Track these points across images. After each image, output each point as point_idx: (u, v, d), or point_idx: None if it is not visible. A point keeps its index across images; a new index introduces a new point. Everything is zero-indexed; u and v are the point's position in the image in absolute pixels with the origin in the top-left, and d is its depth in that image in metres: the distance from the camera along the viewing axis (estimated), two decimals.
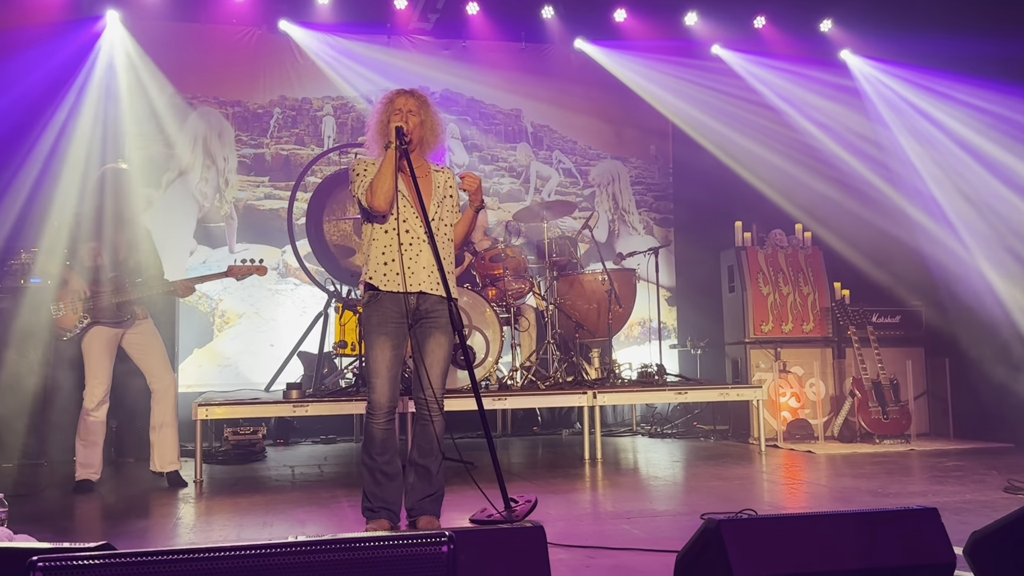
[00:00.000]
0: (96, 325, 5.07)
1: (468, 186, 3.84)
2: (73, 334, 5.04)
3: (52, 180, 7.29)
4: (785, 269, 7.44)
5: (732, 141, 8.68)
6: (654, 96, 9.15)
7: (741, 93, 8.86)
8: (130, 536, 4.00)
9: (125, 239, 5.18)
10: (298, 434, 7.74)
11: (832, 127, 8.49)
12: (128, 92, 7.99)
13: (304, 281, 8.23)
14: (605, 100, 9.20)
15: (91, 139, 7.53)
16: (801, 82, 8.71)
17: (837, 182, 8.15)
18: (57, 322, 5.05)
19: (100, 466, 5.19)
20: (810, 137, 8.50)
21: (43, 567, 1.46)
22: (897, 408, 6.80)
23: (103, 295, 5.06)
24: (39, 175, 7.29)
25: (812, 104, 8.62)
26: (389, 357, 3.70)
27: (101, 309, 5.06)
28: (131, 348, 5.21)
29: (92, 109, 7.66)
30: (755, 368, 7.20)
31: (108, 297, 5.06)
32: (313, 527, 4.04)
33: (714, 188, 8.72)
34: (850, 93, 8.58)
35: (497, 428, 7.99)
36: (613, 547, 3.41)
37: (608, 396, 6.30)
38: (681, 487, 5.08)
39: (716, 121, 8.82)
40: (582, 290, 7.02)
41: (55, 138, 7.42)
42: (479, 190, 3.86)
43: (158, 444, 5.26)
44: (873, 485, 4.87)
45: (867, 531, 2.20)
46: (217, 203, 8.28)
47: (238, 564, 1.60)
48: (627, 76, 9.05)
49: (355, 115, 8.51)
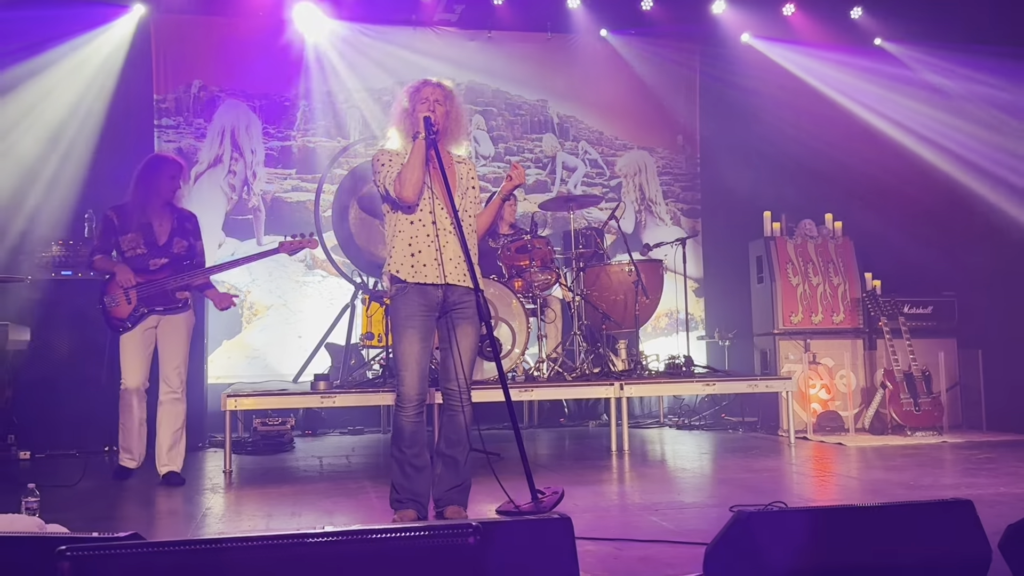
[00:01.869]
0: (151, 314, 5.03)
1: (519, 178, 3.86)
2: (131, 323, 4.99)
3: (81, 173, 7.36)
4: (815, 259, 7.35)
5: (761, 130, 8.60)
6: (680, 85, 9.08)
7: (770, 81, 8.76)
8: (160, 526, 4.04)
9: (169, 226, 5.13)
10: (326, 425, 7.78)
11: (864, 116, 8.38)
12: (158, 84, 8.06)
13: (331, 273, 8.26)
14: (631, 90, 9.13)
15: (122, 132, 7.60)
16: (831, 68, 8.60)
17: (868, 172, 8.05)
18: (112, 313, 5.01)
19: (140, 454, 5.15)
20: (840, 125, 8.39)
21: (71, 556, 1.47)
22: (929, 400, 6.71)
23: (153, 283, 5.02)
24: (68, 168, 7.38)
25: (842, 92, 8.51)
26: (418, 350, 3.70)
27: (151, 296, 5.03)
28: (161, 336, 5.12)
29: (122, 101, 7.72)
30: (784, 359, 7.13)
31: (159, 284, 5.03)
32: (341, 517, 4.05)
33: (742, 178, 8.64)
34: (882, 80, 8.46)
35: (524, 419, 7.98)
36: (641, 539, 3.39)
37: (635, 388, 6.27)
38: (709, 479, 5.05)
39: (744, 110, 8.73)
40: (609, 281, 6.98)
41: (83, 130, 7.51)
42: (517, 187, 3.90)
43: (158, 442, 5.10)
44: (905, 477, 4.81)
45: (900, 524, 2.16)
46: (245, 195, 8.33)
47: (265, 554, 1.60)
48: (653, 65, 8.99)
49: (380, 106, 8.50)
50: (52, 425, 6.14)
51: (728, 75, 8.82)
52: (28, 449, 6.12)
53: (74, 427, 6.19)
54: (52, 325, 6.15)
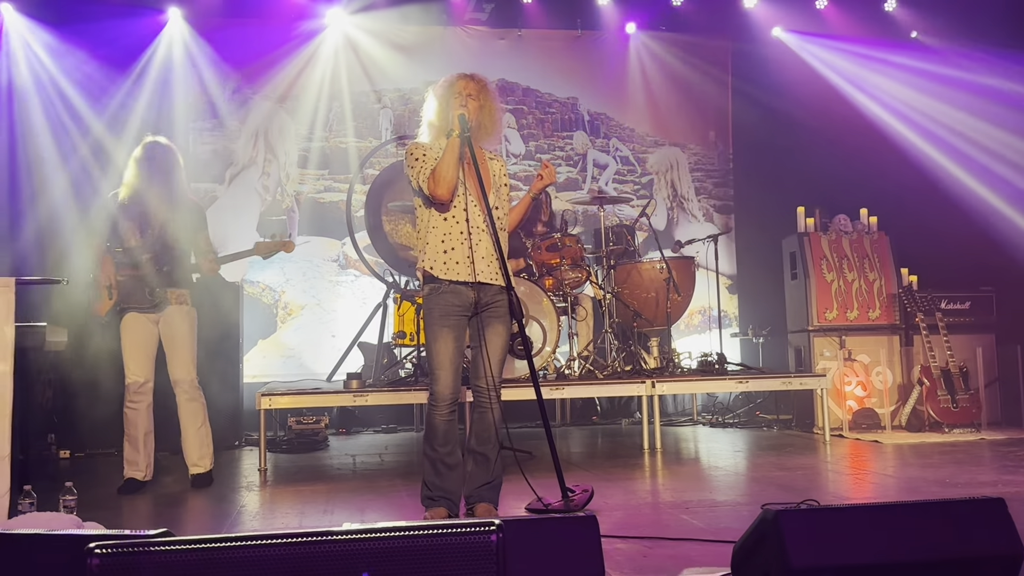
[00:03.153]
0: (129, 311, 4.81)
1: (549, 177, 3.87)
2: (107, 320, 4.82)
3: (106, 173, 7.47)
4: (850, 255, 7.27)
5: (794, 125, 8.52)
6: (712, 80, 9.02)
7: (802, 75, 8.68)
8: (194, 523, 4.10)
9: (163, 218, 4.84)
10: (359, 423, 7.84)
11: (899, 109, 8.28)
12: (188, 88, 8.15)
13: (363, 272, 8.31)
14: (662, 86, 9.08)
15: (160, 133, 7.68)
16: (865, 63, 8.50)
17: (904, 166, 7.94)
18: (94, 310, 4.84)
19: (148, 464, 4.91)
20: (874, 120, 8.29)
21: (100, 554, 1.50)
22: (967, 396, 6.61)
23: (133, 279, 4.80)
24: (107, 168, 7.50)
25: (876, 86, 8.41)
26: (452, 349, 3.72)
27: (130, 294, 4.80)
28: (161, 334, 4.91)
29: (157, 104, 7.83)
30: (819, 356, 7.06)
31: (138, 281, 4.79)
32: (373, 515, 4.09)
33: (775, 173, 8.57)
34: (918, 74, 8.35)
35: (556, 418, 7.99)
36: (671, 537, 3.38)
37: (667, 385, 6.24)
38: (742, 477, 5.02)
39: (777, 105, 8.65)
40: (640, 279, 6.96)
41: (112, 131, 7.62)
42: (547, 185, 3.90)
43: (183, 442, 5.00)
44: (941, 475, 4.74)
45: (931, 522, 2.14)
46: (279, 196, 8.41)
47: (289, 551, 1.62)
48: (684, 61, 8.94)
49: (411, 107, 8.55)
50: (91, 425, 6.22)
51: (760, 70, 8.75)
52: (67, 448, 6.23)
53: (112, 427, 6.22)
54: (90, 326, 6.24)
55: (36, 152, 7.39)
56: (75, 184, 7.32)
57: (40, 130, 7.47)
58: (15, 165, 7.29)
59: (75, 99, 7.57)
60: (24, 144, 7.38)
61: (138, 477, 4.87)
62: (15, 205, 7.17)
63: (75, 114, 7.56)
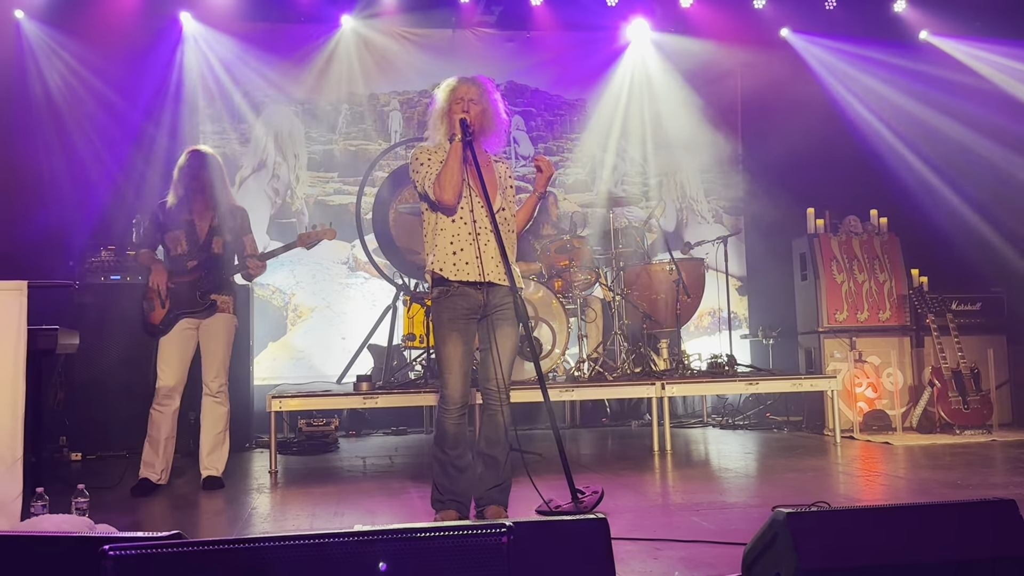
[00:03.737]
0: (182, 317, 4.94)
1: (548, 168, 3.81)
2: (163, 328, 4.91)
3: (132, 178, 7.52)
4: (860, 256, 7.25)
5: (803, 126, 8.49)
6: (721, 81, 8.99)
7: (812, 76, 8.67)
8: (205, 526, 4.11)
9: (208, 223, 5.03)
10: (369, 425, 7.85)
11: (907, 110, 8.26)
12: (204, 92, 8.20)
13: (373, 275, 8.33)
14: (671, 87, 9.05)
15: (168, 137, 7.73)
16: (873, 62, 8.48)
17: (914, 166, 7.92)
18: (148, 318, 4.94)
19: (164, 468, 4.97)
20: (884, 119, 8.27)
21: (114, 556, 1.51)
22: (978, 398, 6.59)
23: (185, 284, 4.94)
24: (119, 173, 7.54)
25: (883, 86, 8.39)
26: (461, 352, 3.73)
27: (182, 300, 4.94)
28: (201, 339, 5.03)
29: (169, 109, 7.87)
30: (829, 358, 7.04)
31: (189, 286, 4.93)
32: (383, 517, 4.09)
33: (785, 174, 8.54)
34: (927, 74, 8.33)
35: (566, 419, 7.98)
36: (681, 539, 3.38)
37: (677, 387, 6.24)
38: (753, 479, 5.01)
39: (787, 105, 8.63)
40: (649, 280, 6.95)
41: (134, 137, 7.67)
42: (549, 178, 3.85)
43: (200, 443, 5.06)
44: (953, 477, 4.73)
45: (942, 524, 2.13)
46: (288, 199, 8.44)
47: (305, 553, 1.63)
48: (693, 62, 8.91)
49: (421, 110, 8.55)
50: (102, 427, 6.26)
51: (770, 71, 8.72)
52: (79, 451, 6.26)
53: (124, 429, 6.27)
54: (101, 329, 6.27)
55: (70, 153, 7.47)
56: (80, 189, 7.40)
57: (73, 130, 7.54)
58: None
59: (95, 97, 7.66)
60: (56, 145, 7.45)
61: (153, 479, 4.92)
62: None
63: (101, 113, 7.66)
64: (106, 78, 7.67)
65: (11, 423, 3.58)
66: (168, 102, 7.91)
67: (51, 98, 7.60)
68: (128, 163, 7.58)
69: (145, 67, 7.82)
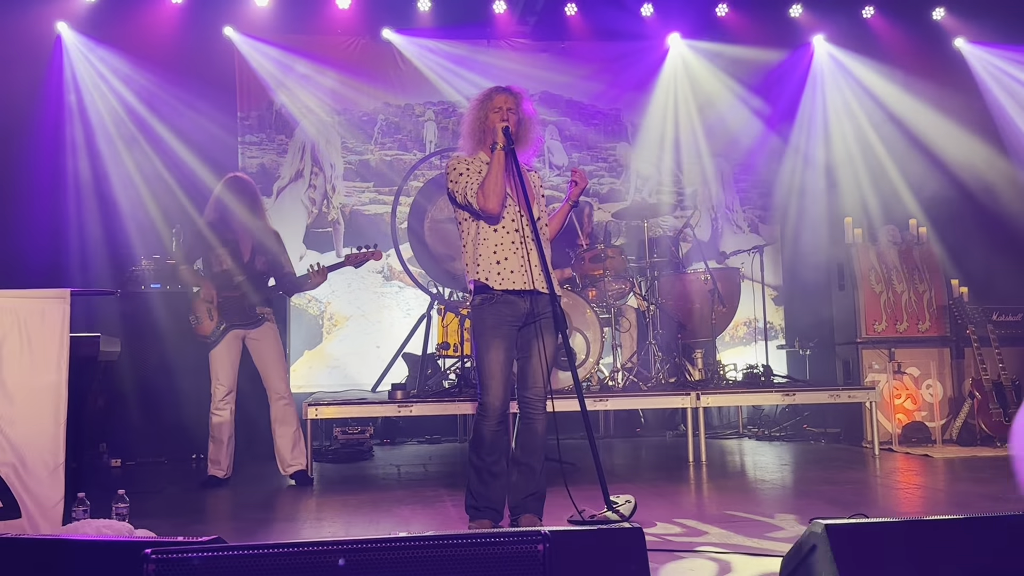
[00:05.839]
0: (232, 329, 5.33)
1: (582, 180, 3.88)
2: (214, 339, 5.31)
3: (168, 188, 7.64)
4: (898, 266, 7.16)
5: (840, 134, 8.43)
6: (755, 89, 8.94)
7: (848, 85, 8.59)
8: (244, 532, 4.15)
9: (250, 243, 5.44)
10: (404, 434, 7.88)
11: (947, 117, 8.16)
12: (242, 103, 8.31)
13: (408, 284, 8.37)
14: (706, 96, 9.02)
15: (206, 148, 7.84)
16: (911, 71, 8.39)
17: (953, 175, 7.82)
18: (197, 330, 5.35)
19: (228, 464, 5.41)
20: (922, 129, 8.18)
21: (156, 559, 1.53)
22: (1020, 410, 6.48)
23: (233, 299, 5.33)
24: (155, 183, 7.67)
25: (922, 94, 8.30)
26: (503, 360, 3.73)
27: (231, 312, 5.33)
28: (252, 350, 5.44)
29: (205, 119, 7.97)
30: (868, 369, 6.95)
31: (237, 300, 5.33)
32: (417, 525, 4.11)
33: (822, 183, 8.47)
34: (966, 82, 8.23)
35: (600, 429, 7.95)
36: (718, 550, 3.36)
37: (712, 398, 6.20)
38: (789, 490, 4.96)
39: (823, 114, 8.58)
40: (684, 290, 6.92)
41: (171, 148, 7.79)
42: (583, 189, 3.89)
43: (278, 446, 5.44)
44: (993, 490, 4.65)
45: (982, 537, 2.10)
46: (324, 209, 8.51)
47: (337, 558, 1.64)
48: (728, 70, 8.87)
49: (456, 120, 8.60)
50: (142, 433, 6.35)
51: (804, 79, 8.67)
52: (119, 456, 6.35)
53: (163, 436, 6.39)
54: (142, 336, 6.37)
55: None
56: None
57: (114, 141, 7.70)
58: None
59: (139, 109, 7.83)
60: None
61: (219, 475, 5.37)
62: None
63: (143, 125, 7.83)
64: (149, 92, 7.82)
65: (53, 429, 3.65)
66: (202, 111, 7.98)
67: (97, 111, 7.76)
68: (167, 174, 7.70)
69: (189, 79, 7.91)
